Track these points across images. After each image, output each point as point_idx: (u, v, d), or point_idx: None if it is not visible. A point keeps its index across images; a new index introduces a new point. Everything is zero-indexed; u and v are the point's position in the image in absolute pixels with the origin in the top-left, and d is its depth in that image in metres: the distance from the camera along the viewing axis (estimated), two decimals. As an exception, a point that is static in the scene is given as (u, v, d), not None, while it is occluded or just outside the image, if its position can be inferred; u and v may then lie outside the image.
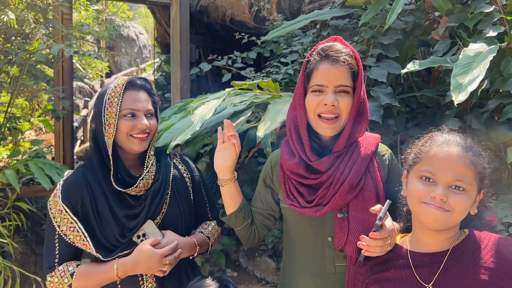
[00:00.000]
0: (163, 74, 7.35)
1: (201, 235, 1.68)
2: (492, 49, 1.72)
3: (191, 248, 1.60)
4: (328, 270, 1.43)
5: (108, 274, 1.49)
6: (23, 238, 3.61)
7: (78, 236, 1.51)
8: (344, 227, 1.37)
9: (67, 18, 3.77)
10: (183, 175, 1.71)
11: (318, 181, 1.39)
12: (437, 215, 1.09)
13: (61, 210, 1.51)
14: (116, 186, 1.54)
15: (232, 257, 4.42)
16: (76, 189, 1.54)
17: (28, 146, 4.38)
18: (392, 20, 2.12)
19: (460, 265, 1.12)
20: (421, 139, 1.23)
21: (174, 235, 1.57)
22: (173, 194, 1.64)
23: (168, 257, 1.48)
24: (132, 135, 1.55)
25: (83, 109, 9.73)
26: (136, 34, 16.44)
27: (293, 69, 3.32)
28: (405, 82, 2.65)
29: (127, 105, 1.53)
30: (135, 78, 1.60)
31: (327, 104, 1.34)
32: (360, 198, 1.38)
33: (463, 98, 1.52)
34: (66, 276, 1.50)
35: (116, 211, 1.53)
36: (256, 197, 1.61)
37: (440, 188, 1.09)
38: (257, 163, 3.53)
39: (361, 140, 1.45)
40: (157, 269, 1.47)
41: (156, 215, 1.58)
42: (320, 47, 1.40)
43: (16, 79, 3.63)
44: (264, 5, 4.43)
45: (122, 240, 1.52)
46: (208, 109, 1.98)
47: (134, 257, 1.48)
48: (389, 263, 1.22)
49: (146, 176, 1.57)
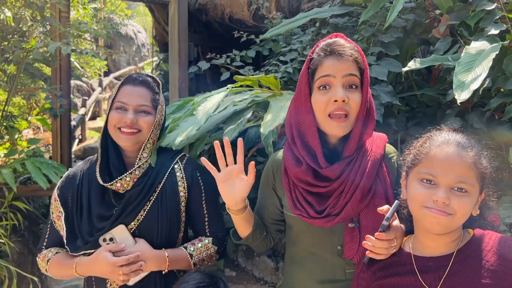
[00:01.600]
0: (161, 72, 7.32)
1: (181, 250, 1.55)
2: (494, 47, 1.70)
3: (160, 262, 1.49)
4: (339, 277, 1.36)
5: (70, 269, 1.51)
6: (20, 237, 3.59)
7: (60, 226, 1.57)
8: (355, 237, 1.29)
9: (65, 16, 3.75)
10: (177, 184, 1.59)
11: (328, 190, 1.30)
12: (440, 220, 1.05)
13: (55, 198, 1.60)
14: (99, 178, 1.53)
15: (230, 257, 4.40)
16: (71, 181, 1.60)
17: (25, 145, 4.35)
18: (392, 18, 2.09)
19: (465, 269, 1.08)
20: (420, 139, 1.19)
21: (145, 245, 1.49)
22: (157, 202, 1.54)
23: (123, 267, 1.41)
24: (120, 128, 1.53)
25: (81, 108, 9.70)
26: (134, 32, 16.41)
27: (292, 67, 3.30)
28: (405, 81, 2.63)
29: (119, 98, 1.54)
30: (137, 74, 1.60)
31: (337, 100, 1.24)
32: (371, 206, 1.29)
33: (466, 96, 1.50)
34: (45, 260, 1.58)
35: (93, 208, 1.53)
36: (262, 207, 1.51)
37: (442, 191, 1.05)
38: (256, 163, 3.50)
39: (369, 142, 1.36)
40: (110, 276, 1.44)
41: (129, 220, 1.51)
42: (323, 44, 1.32)
43: (13, 77, 3.61)
44: (263, 3, 4.41)
45: (89, 238, 1.51)
46: (212, 104, 1.96)
47: (91, 259, 1.47)
48: (392, 268, 1.18)
49: (126, 177, 1.53)
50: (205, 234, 1.63)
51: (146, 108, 1.55)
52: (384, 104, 2.17)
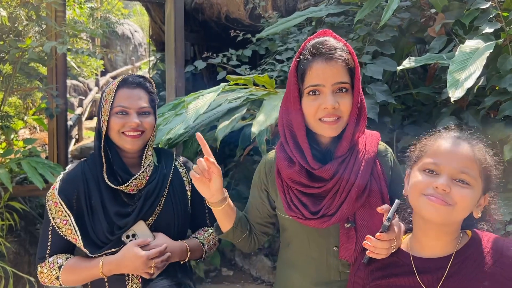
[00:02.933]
0: (158, 72, 7.32)
1: (195, 240, 1.65)
2: (488, 45, 1.71)
3: (182, 253, 1.57)
4: (333, 278, 1.35)
5: (94, 271, 1.49)
6: (16, 238, 3.58)
7: (70, 230, 1.53)
8: (352, 237, 1.28)
9: (61, 15, 3.73)
10: (182, 179, 1.68)
11: (322, 190, 1.29)
12: (439, 209, 1.04)
13: (56, 202, 1.54)
14: (109, 182, 1.53)
15: (227, 256, 4.40)
16: (73, 183, 1.56)
17: (22, 145, 4.34)
18: (387, 17, 2.10)
19: (464, 271, 1.08)
20: (426, 136, 1.19)
21: (165, 238, 1.54)
22: (169, 196, 1.61)
23: (154, 259, 1.45)
24: (124, 132, 1.53)
25: (78, 108, 9.68)
26: (131, 32, 16.38)
27: (288, 66, 3.30)
28: (401, 79, 2.63)
29: (119, 102, 1.53)
30: (131, 76, 1.59)
31: (327, 108, 1.23)
32: (367, 206, 1.29)
33: (460, 94, 1.51)
34: (54, 268, 1.52)
35: (108, 207, 1.52)
36: (251, 206, 1.50)
37: (443, 178, 1.05)
38: (253, 161, 3.51)
39: (361, 140, 1.35)
40: (142, 270, 1.45)
41: (148, 216, 1.56)
42: (310, 44, 1.28)
43: (9, 77, 3.59)
44: (259, 2, 4.41)
45: (111, 237, 1.51)
46: (203, 103, 1.96)
47: (120, 257, 1.47)
48: (390, 268, 1.17)
49: (140, 176, 1.56)
50: (206, 224, 1.74)
51: (146, 109, 1.56)
52: (380, 103, 2.17)
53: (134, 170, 1.58)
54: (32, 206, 4.07)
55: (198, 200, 1.68)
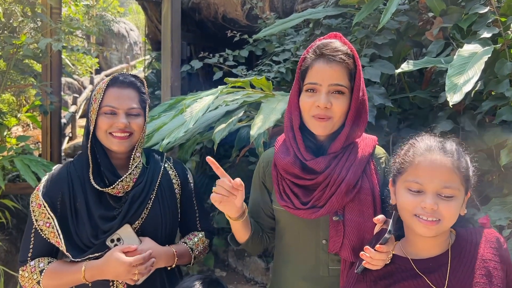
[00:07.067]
0: (153, 71, 7.28)
1: (183, 245, 1.60)
2: (487, 50, 1.71)
3: (169, 259, 1.52)
4: (322, 273, 1.38)
5: (76, 276, 1.44)
6: (7, 236, 3.54)
7: (53, 233, 1.48)
8: (340, 231, 1.33)
9: (56, 12, 3.70)
10: (171, 182, 1.63)
11: (314, 182, 1.34)
12: (431, 228, 1.11)
13: (40, 204, 1.50)
14: (95, 184, 1.49)
15: (221, 257, 4.39)
16: (58, 185, 1.52)
17: (14, 142, 4.30)
18: (386, 20, 2.10)
19: (464, 263, 1.15)
20: (403, 147, 1.24)
21: (151, 243, 1.50)
22: (157, 200, 1.56)
23: (138, 266, 1.40)
24: (111, 133, 1.49)
25: (72, 105, 9.61)
26: (126, 30, 16.30)
27: (285, 67, 3.30)
28: (398, 83, 2.63)
29: (107, 102, 1.49)
30: (122, 75, 1.54)
31: (319, 106, 1.30)
32: (356, 201, 1.34)
33: (458, 98, 1.51)
34: (35, 272, 1.47)
35: (93, 210, 1.48)
36: (255, 205, 1.52)
37: (429, 197, 1.11)
38: (248, 163, 3.50)
39: (358, 141, 1.41)
40: (125, 277, 1.41)
41: (134, 219, 1.51)
42: (317, 44, 1.35)
43: (3, 73, 3.56)
44: (256, 3, 4.40)
45: (95, 241, 1.46)
46: (202, 106, 1.95)
47: (103, 262, 1.42)
48: (395, 275, 1.19)
49: (127, 178, 1.51)
50: (197, 229, 1.70)
51: (136, 111, 1.52)
52: (377, 105, 2.17)
53: (122, 172, 1.54)
54: (24, 204, 4.03)
55: (188, 204, 1.65)
